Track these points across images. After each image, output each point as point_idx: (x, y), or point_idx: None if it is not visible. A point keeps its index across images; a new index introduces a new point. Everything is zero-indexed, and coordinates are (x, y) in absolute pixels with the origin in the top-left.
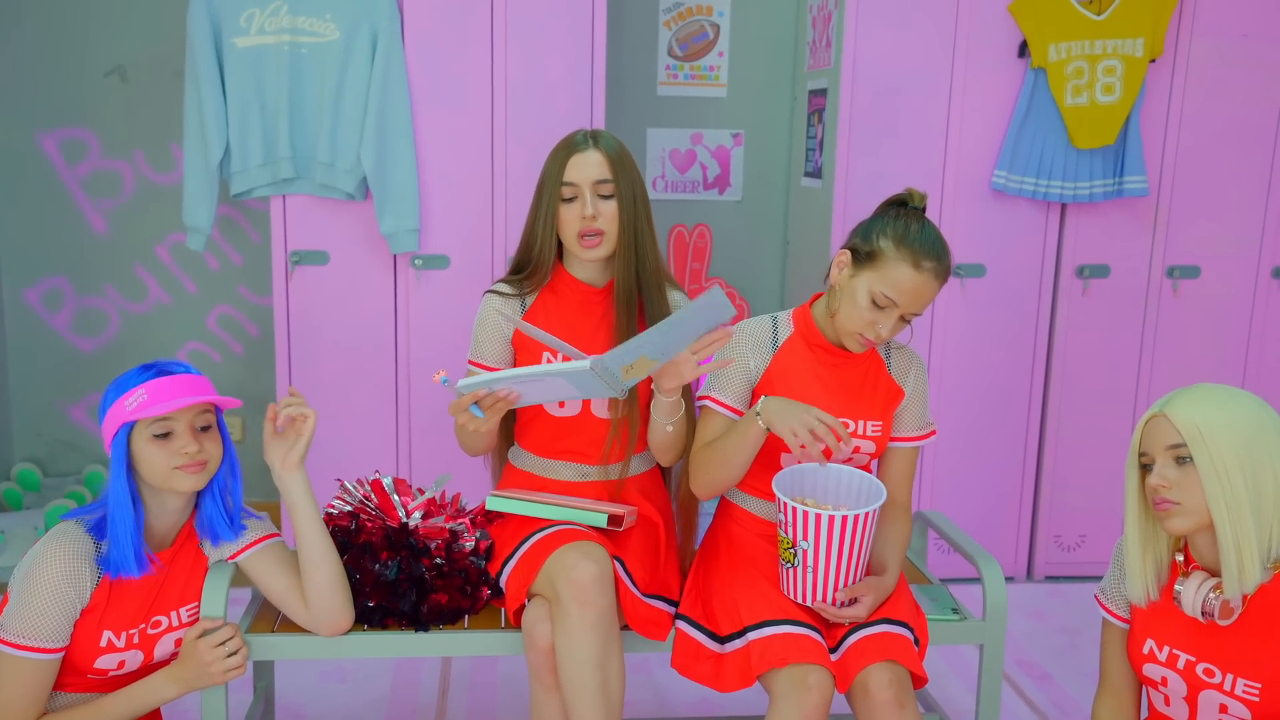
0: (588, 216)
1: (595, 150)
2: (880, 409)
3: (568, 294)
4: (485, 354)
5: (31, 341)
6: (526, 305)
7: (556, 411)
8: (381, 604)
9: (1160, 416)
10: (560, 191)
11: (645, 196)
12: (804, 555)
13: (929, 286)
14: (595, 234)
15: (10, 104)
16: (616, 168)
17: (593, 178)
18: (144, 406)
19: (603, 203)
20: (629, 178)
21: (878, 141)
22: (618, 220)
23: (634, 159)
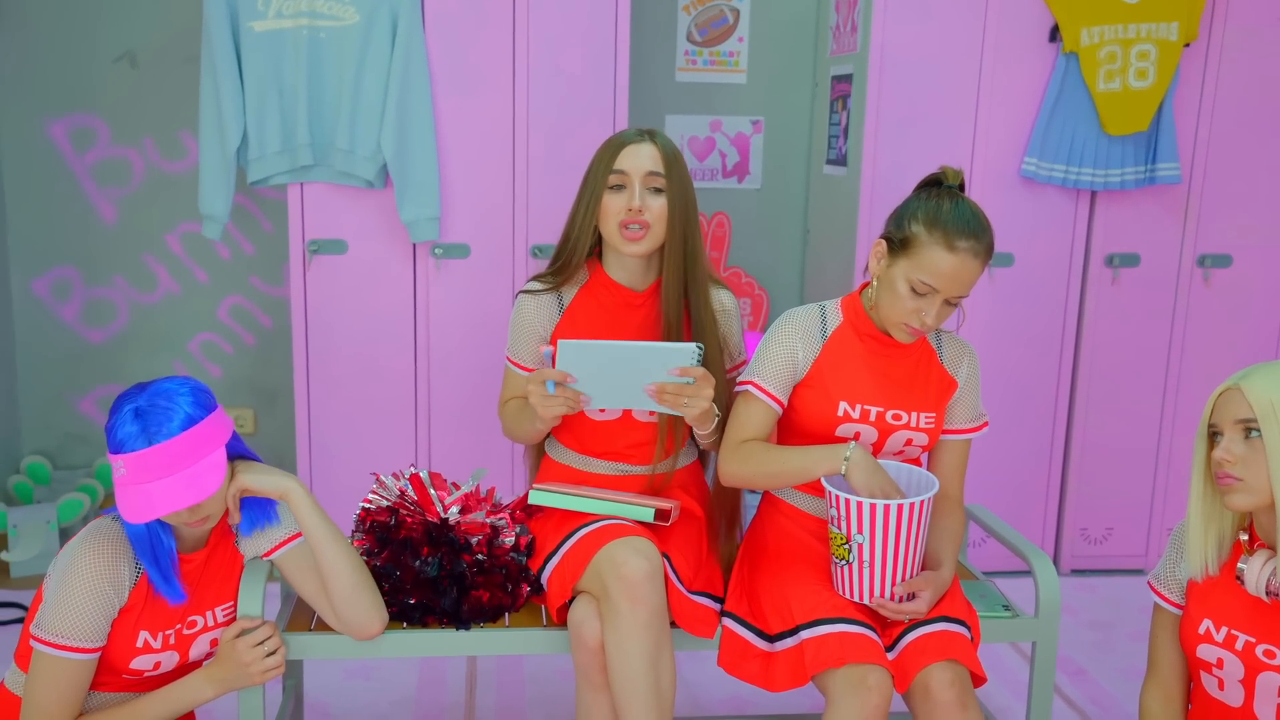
0: (634, 208)
1: (650, 144)
2: (933, 400)
3: (605, 296)
4: (522, 354)
5: (40, 333)
6: (563, 306)
7: (597, 415)
8: (422, 601)
9: (1234, 389)
10: (608, 179)
11: (695, 201)
12: (859, 549)
13: (968, 267)
14: (639, 225)
15: (19, 91)
16: (670, 165)
17: (645, 169)
18: (124, 488)
19: (651, 197)
20: (680, 176)
21: (905, 128)
22: (666, 219)
23: (684, 161)
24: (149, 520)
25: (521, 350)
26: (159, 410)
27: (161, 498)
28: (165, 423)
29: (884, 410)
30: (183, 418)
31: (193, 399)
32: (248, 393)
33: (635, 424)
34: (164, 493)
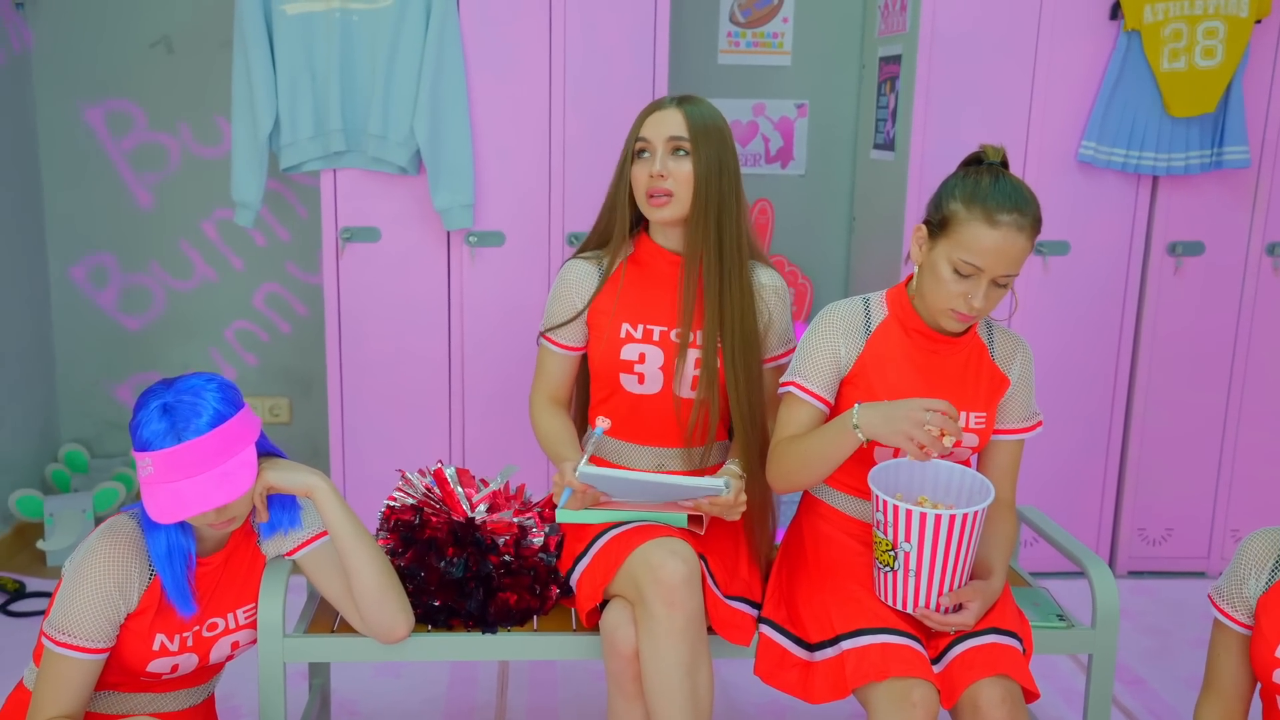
0: (655, 174)
1: (676, 109)
2: (984, 399)
3: (651, 262)
4: (558, 331)
5: (78, 320)
6: (605, 275)
7: (635, 388)
8: (447, 603)
9: None
10: (635, 147)
11: (735, 168)
12: (905, 557)
13: (1013, 242)
14: (662, 194)
15: (56, 76)
16: (695, 128)
17: (666, 134)
18: (150, 487)
19: (674, 161)
20: (712, 142)
21: (956, 111)
22: (692, 183)
23: (727, 130)
24: (176, 521)
25: (557, 318)
26: (186, 406)
27: (191, 497)
28: (194, 419)
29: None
30: (211, 414)
31: (220, 395)
32: (283, 381)
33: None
34: (193, 492)
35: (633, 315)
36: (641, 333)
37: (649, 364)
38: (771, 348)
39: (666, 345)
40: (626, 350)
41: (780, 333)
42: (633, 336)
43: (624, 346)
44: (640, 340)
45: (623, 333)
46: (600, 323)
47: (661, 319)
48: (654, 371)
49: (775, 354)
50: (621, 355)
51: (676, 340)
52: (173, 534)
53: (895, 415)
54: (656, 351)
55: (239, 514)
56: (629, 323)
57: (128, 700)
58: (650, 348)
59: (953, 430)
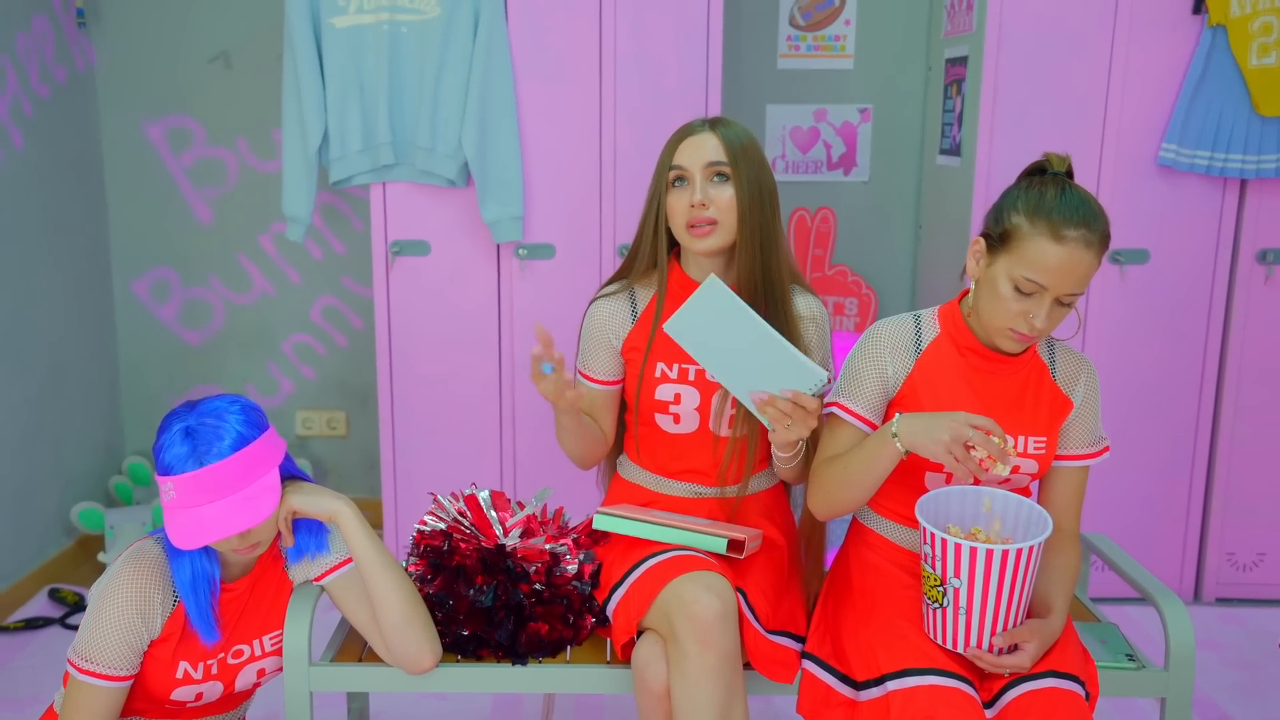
0: (696, 204)
1: (710, 133)
2: (1045, 423)
3: (683, 296)
4: (593, 366)
5: (140, 334)
6: (638, 312)
7: (671, 428)
8: (476, 633)
9: None
10: (669, 176)
11: (773, 188)
12: (955, 594)
13: (1080, 259)
14: (704, 223)
15: (118, 92)
16: (734, 151)
17: (704, 160)
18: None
19: (715, 188)
20: (751, 164)
21: (1025, 113)
22: (735, 210)
23: (760, 149)
24: (199, 547)
25: (591, 360)
26: (208, 429)
27: (213, 522)
28: (216, 442)
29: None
30: (234, 437)
31: (244, 418)
32: (340, 395)
33: (712, 437)
34: (216, 517)
35: (667, 354)
36: (676, 372)
37: (684, 404)
38: None
39: (702, 384)
40: (661, 390)
41: (820, 359)
42: (667, 376)
43: (659, 387)
44: (675, 380)
45: (657, 372)
46: (634, 359)
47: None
48: (689, 411)
49: None
50: (656, 395)
51: (712, 378)
52: (197, 560)
53: (936, 425)
54: (692, 391)
55: (263, 539)
56: (664, 362)
57: None
58: (685, 388)
59: (993, 450)
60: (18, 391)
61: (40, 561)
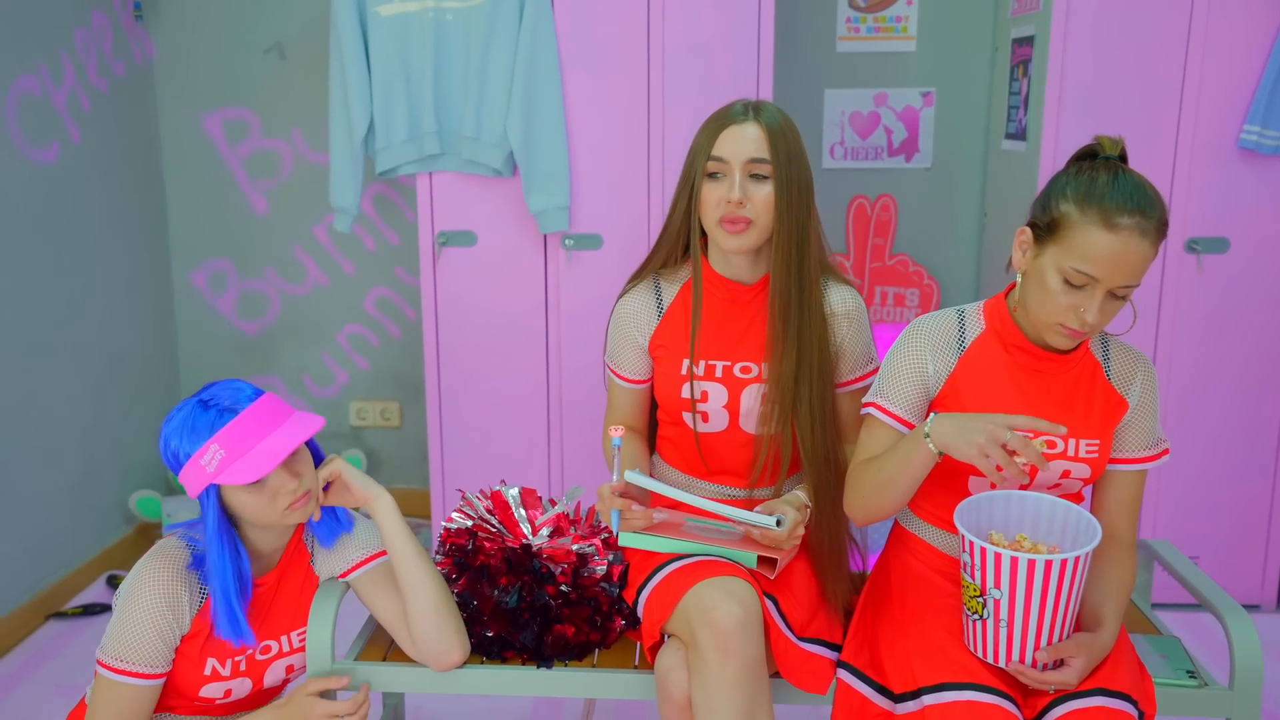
0: (733, 201)
1: (754, 124)
2: (1098, 425)
3: (712, 291)
4: (622, 364)
5: (199, 325)
6: (663, 307)
7: (700, 427)
8: (501, 634)
9: None
10: (706, 167)
11: (809, 180)
12: (995, 606)
13: (1134, 248)
14: (740, 222)
15: (176, 85)
16: (777, 146)
17: (746, 155)
18: (227, 467)
19: (754, 185)
20: (792, 159)
21: (1095, 95)
22: (772, 209)
23: (800, 138)
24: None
25: (620, 357)
26: (220, 393)
27: (272, 450)
28: (236, 395)
29: (1033, 436)
30: (250, 390)
31: (250, 387)
32: (393, 386)
33: (746, 439)
34: (272, 447)
35: (695, 351)
36: (703, 369)
37: (712, 402)
38: (845, 372)
39: (730, 382)
40: (688, 388)
41: (856, 355)
42: (695, 374)
43: (685, 385)
44: (702, 378)
45: (684, 369)
46: (661, 357)
47: (724, 354)
48: (718, 410)
49: (852, 377)
50: (683, 394)
51: (742, 376)
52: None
53: (971, 426)
54: (720, 389)
55: (313, 493)
56: (690, 359)
57: None
58: (713, 385)
59: (1029, 454)
60: (77, 381)
61: (99, 549)
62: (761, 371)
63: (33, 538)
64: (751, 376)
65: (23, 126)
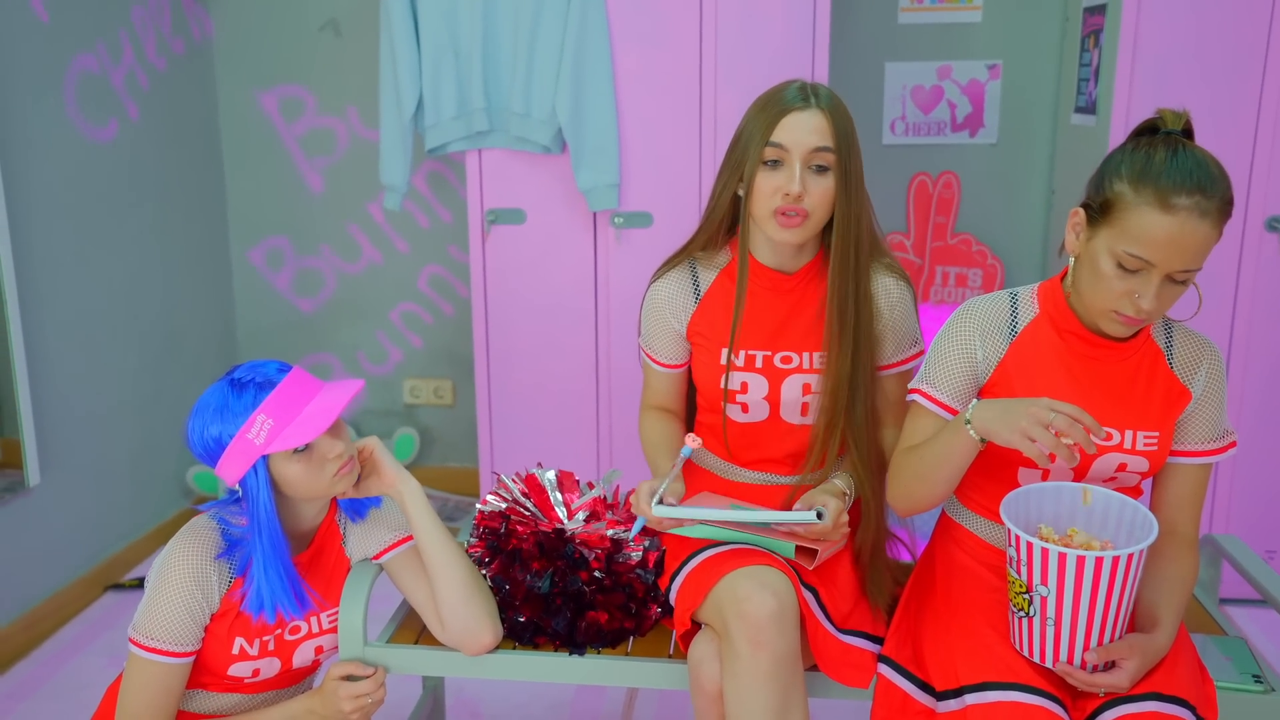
0: (793, 193)
1: (816, 111)
2: (1157, 415)
3: (752, 280)
4: (657, 348)
5: (256, 302)
6: (700, 292)
7: (740, 417)
8: (533, 620)
9: None
10: (763, 153)
11: (862, 167)
12: (1042, 603)
13: (1193, 230)
14: (798, 214)
15: (234, 63)
16: (839, 134)
17: (809, 144)
18: (278, 434)
19: (814, 178)
20: (851, 149)
21: (1170, 66)
22: (830, 202)
23: (854, 124)
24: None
25: (655, 342)
26: (250, 372)
27: (323, 409)
28: (266, 371)
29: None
30: (278, 364)
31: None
32: (446, 364)
33: (787, 429)
34: (321, 406)
35: (733, 340)
36: (743, 359)
37: (752, 393)
38: (888, 355)
39: (770, 372)
40: (730, 379)
41: (900, 338)
42: (734, 365)
43: (725, 375)
44: (742, 368)
45: (723, 358)
46: (700, 345)
47: (764, 343)
48: (758, 401)
49: (896, 360)
50: (722, 384)
51: (782, 366)
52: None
53: (1014, 410)
54: (760, 380)
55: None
56: (729, 349)
57: (218, 699)
58: (753, 376)
59: (1077, 436)
60: (136, 357)
61: (157, 522)
62: (803, 361)
63: (92, 511)
64: (793, 367)
65: (81, 105)
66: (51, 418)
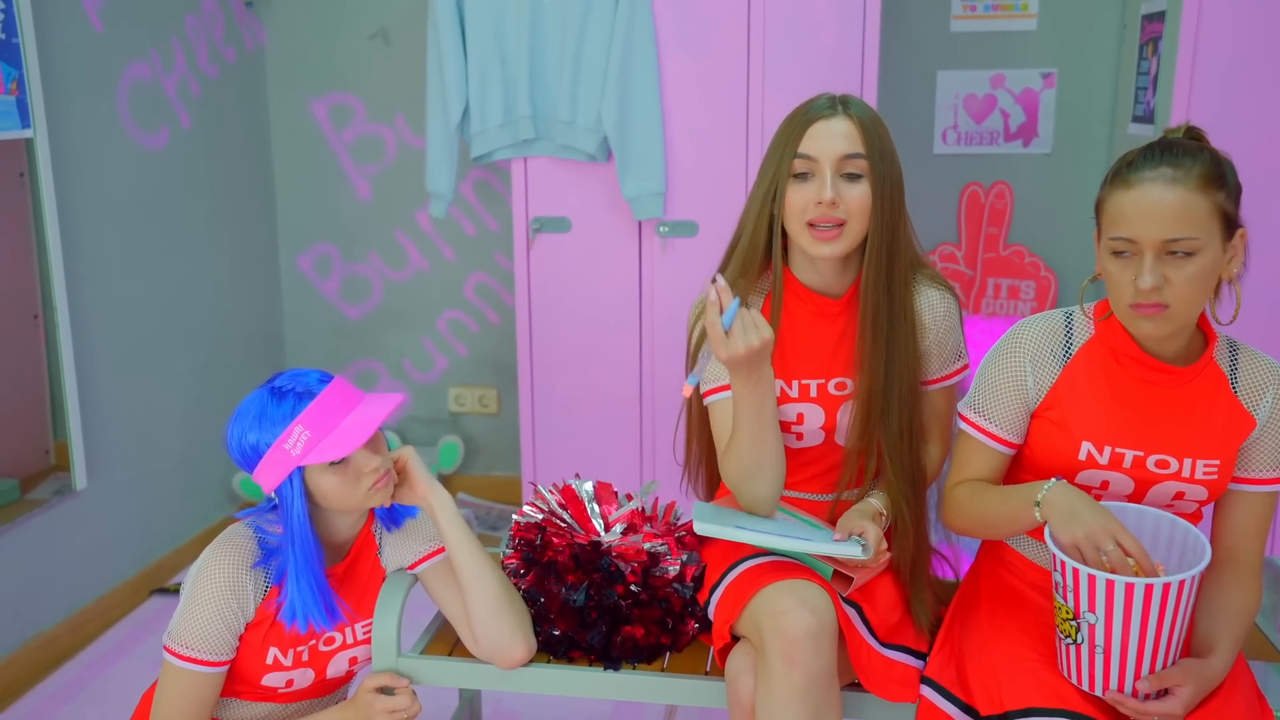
0: (825, 201)
1: (843, 118)
2: (1218, 443)
3: (796, 305)
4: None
5: (304, 309)
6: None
7: (794, 444)
8: (568, 633)
9: None
10: (792, 166)
11: (901, 180)
12: (1090, 631)
13: (1160, 195)
14: (833, 224)
15: (285, 71)
16: (871, 140)
17: (838, 151)
18: (314, 446)
19: (847, 185)
20: (885, 155)
21: (1230, 74)
22: (868, 210)
23: (890, 133)
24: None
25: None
26: (291, 381)
27: (360, 424)
28: (307, 380)
29: (1144, 455)
30: (319, 375)
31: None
32: (491, 372)
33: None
34: (358, 421)
35: (785, 370)
36: (797, 390)
37: (809, 423)
38: (933, 370)
39: (825, 400)
40: (783, 411)
41: (946, 353)
42: (788, 395)
43: (780, 407)
44: (796, 399)
45: (776, 390)
46: None
47: (817, 372)
48: (814, 430)
49: (941, 374)
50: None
51: (837, 393)
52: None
53: (1081, 518)
54: (816, 410)
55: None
56: (783, 379)
57: (251, 709)
58: (809, 406)
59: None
60: (184, 362)
61: (203, 527)
62: (855, 385)
63: (138, 515)
64: (847, 393)
65: (134, 112)
66: (99, 422)
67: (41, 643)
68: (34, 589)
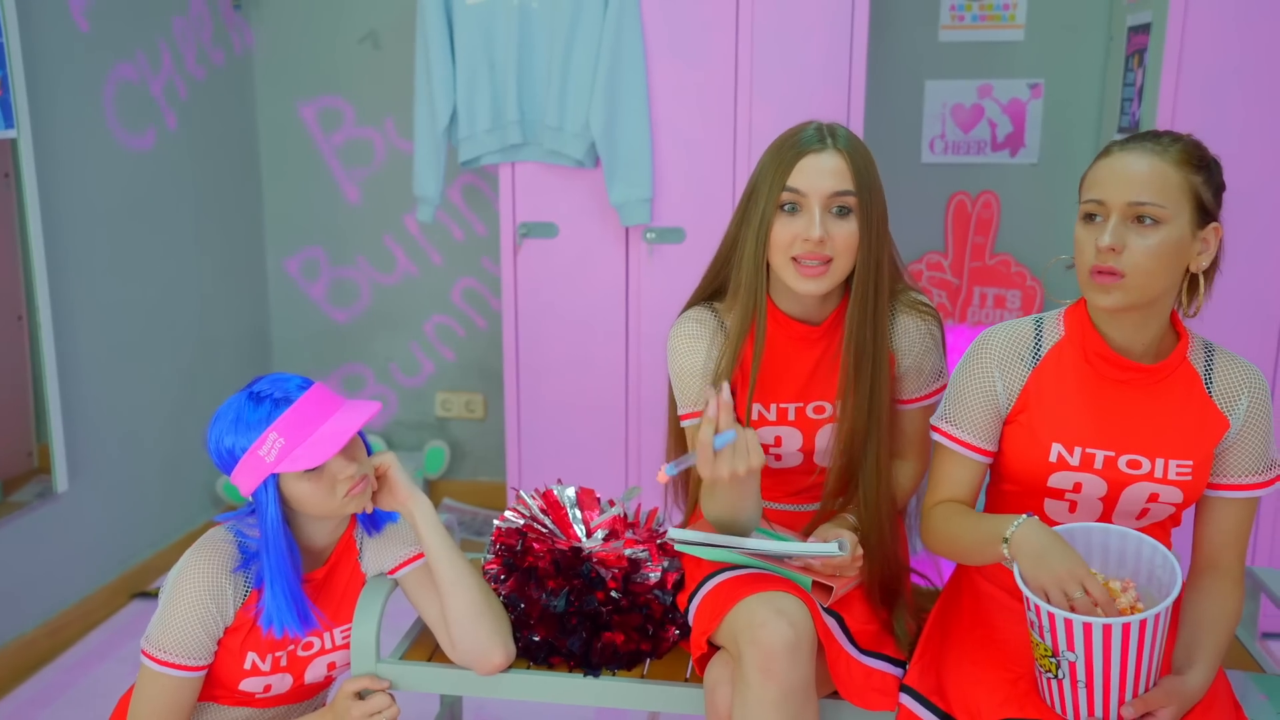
0: (813, 238)
1: (833, 152)
2: (1191, 443)
3: (775, 330)
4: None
5: (292, 312)
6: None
7: (773, 464)
8: (548, 639)
9: None
10: (779, 198)
11: (886, 212)
12: (1070, 667)
13: (1135, 161)
14: (819, 261)
15: (274, 74)
16: (860, 176)
17: (828, 189)
18: (288, 454)
19: (835, 222)
20: (873, 191)
21: (1217, 86)
22: (854, 248)
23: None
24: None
25: (696, 398)
26: (271, 385)
27: (334, 433)
28: (287, 386)
29: (1115, 455)
30: (299, 380)
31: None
32: (477, 377)
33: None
34: (333, 430)
35: (763, 394)
36: (775, 413)
37: (786, 445)
38: (911, 390)
39: (804, 424)
40: (762, 434)
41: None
42: (766, 419)
43: (759, 429)
44: (774, 423)
45: (754, 414)
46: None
47: (795, 395)
48: (793, 452)
49: (919, 394)
50: None
51: (815, 417)
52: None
53: (1049, 563)
54: (794, 433)
55: (369, 476)
56: (760, 403)
57: (229, 713)
58: (787, 429)
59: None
60: (169, 365)
61: (186, 530)
62: (837, 410)
63: (121, 518)
64: (826, 416)
65: (119, 114)
66: (82, 424)
67: (20, 646)
68: (13, 592)
